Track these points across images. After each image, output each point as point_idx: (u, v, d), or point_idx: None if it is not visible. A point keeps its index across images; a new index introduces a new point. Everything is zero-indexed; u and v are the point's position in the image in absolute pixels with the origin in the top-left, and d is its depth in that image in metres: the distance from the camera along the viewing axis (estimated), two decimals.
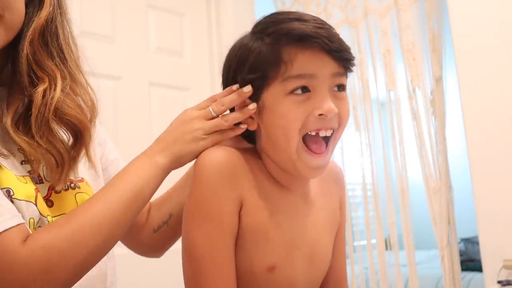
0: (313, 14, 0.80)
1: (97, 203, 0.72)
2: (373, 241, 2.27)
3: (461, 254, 3.22)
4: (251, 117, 0.81)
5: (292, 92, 0.75)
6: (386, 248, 2.29)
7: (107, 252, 0.74)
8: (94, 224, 0.70)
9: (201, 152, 0.78)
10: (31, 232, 0.69)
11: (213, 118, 0.81)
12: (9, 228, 0.65)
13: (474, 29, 1.73)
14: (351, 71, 0.80)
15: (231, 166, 0.76)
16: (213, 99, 0.83)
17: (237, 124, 0.82)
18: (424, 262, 3.66)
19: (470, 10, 1.74)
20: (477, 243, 1.94)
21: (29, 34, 0.73)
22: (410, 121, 2.07)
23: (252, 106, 0.79)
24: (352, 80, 2.30)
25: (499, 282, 1.57)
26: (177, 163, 0.80)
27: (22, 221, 0.68)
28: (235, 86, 0.80)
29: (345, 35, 2.32)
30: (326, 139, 0.78)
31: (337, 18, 2.33)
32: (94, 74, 0.85)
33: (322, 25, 0.76)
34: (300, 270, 0.82)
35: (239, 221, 0.77)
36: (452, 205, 1.98)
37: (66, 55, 0.78)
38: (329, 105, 0.75)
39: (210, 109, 0.81)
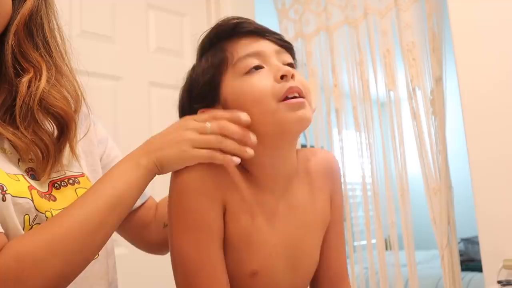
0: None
1: (75, 210, 0.69)
2: (373, 241, 2.26)
3: (461, 254, 3.22)
4: None
5: (247, 72, 0.77)
6: (386, 248, 2.29)
7: (90, 259, 0.71)
8: (70, 231, 0.66)
9: (182, 162, 0.74)
10: (27, 228, 0.68)
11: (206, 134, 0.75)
12: None
13: (474, 29, 1.73)
14: (292, 55, 0.84)
15: (211, 172, 0.75)
16: (213, 116, 0.76)
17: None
18: (424, 262, 3.66)
19: (470, 10, 1.74)
20: (477, 243, 1.94)
21: (14, 25, 0.73)
22: (410, 121, 2.07)
23: (254, 138, 0.75)
24: (352, 80, 2.30)
25: (499, 282, 1.57)
26: (158, 168, 0.75)
27: (0, 230, 0.66)
28: (244, 116, 0.75)
29: (345, 35, 2.32)
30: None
31: (337, 18, 2.32)
32: (94, 74, 0.85)
33: (250, 20, 0.82)
34: (283, 274, 0.81)
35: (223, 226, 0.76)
36: (452, 205, 1.98)
37: (51, 46, 0.78)
38: (286, 67, 0.76)
39: (208, 124, 0.75)
